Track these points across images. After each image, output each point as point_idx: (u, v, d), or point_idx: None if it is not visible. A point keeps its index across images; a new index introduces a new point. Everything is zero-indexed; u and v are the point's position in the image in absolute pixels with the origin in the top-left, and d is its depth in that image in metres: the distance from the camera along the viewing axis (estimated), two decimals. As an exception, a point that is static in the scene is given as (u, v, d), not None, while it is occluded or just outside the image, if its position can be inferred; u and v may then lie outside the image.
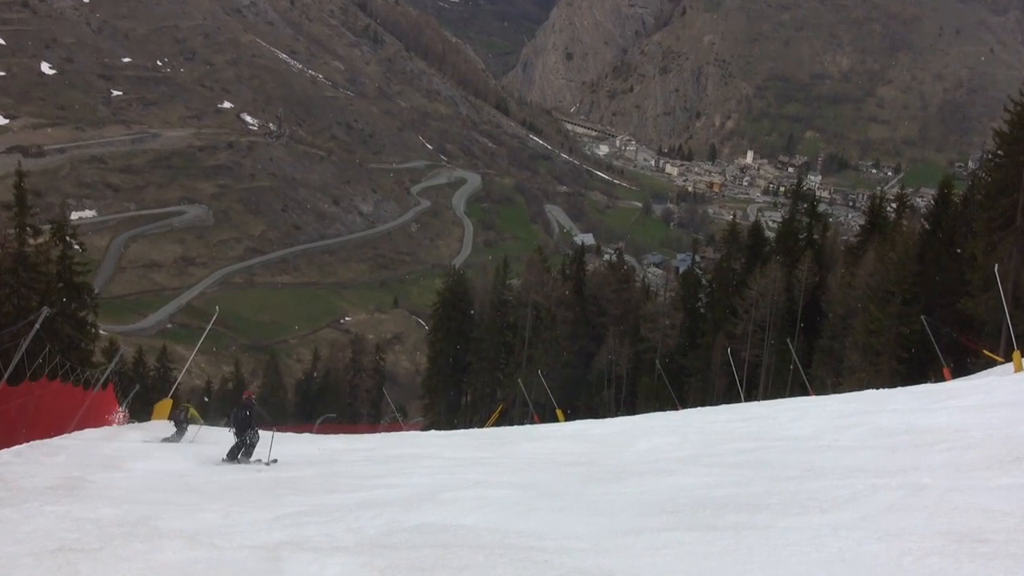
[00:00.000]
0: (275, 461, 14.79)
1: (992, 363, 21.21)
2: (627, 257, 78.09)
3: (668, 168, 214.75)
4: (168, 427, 19.56)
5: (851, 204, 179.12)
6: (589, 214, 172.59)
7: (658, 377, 43.02)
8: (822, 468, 7.54)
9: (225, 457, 17.36)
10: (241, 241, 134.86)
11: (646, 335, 47.52)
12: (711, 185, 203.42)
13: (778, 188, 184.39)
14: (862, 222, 40.38)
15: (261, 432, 16.46)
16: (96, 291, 30.18)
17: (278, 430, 26.79)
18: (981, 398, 11.90)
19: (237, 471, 12.50)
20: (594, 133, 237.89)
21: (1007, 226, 23.06)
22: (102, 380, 19.41)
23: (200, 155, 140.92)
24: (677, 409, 29.76)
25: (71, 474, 9.03)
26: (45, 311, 11.78)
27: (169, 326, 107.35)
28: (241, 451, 17.84)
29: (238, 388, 76.46)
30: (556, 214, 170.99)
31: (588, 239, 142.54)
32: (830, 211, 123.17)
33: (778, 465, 8.04)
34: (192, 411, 19.29)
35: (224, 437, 20.05)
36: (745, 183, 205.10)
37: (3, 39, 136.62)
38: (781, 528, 5.38)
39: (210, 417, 25.52)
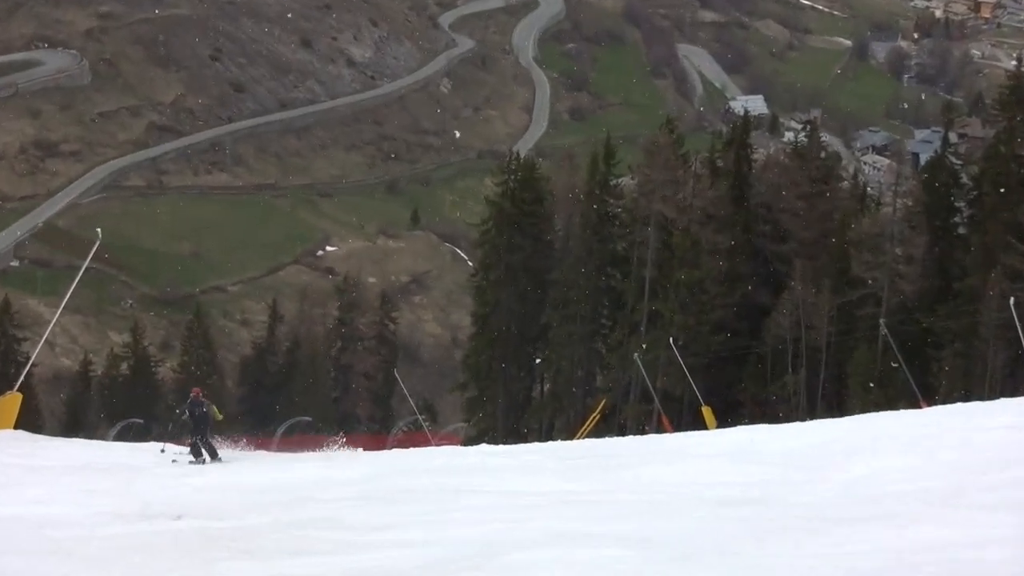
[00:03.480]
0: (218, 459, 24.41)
1: None
2: (826, 137, 76.73)
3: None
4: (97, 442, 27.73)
5: None
6: (757, 62, 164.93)
7: (884, 349, 43.98)
8: None
9: (191, 460, 28.19)
10: (140, 114, 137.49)
11: (861, 275, 47.93)
12: (975, 8, 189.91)
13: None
14: None
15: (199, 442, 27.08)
16: None
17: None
18: None
19: (141, 521, 13.39)
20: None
21: None
22: None
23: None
24: (920, 406, 30.76)
25: None
26: None
27: (15, 264, 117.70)
28: (202, 449, 28.32)
29: (140, 376, 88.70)
30: (698, 61, 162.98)
31: (757, 105, 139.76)
32: None
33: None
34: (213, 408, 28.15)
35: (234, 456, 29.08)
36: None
37: None
38: None
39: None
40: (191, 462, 29.12)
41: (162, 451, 29.77)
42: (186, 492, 18.50)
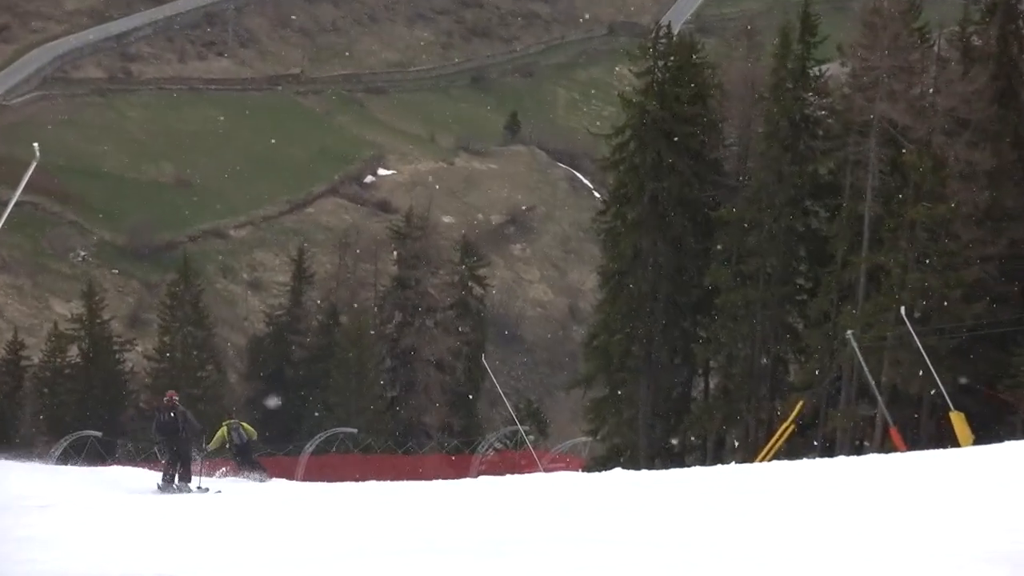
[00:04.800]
0: (218, 491, 28.16)
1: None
2: None
3: None
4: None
5: None
6: None
7: None
8: None
9: (160, 484, 31.86)
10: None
11: None
12: None
13: None
14: None
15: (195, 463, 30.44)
16: None
17: (211, 470, 37.56)
18: None
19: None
20: None
21: None
22: None
23: None
24: None
25: None
26: None
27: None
28: (176, 471, 32.49)
29: (98, 365, 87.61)
30: None
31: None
32: None
33: None
34: (245, 426, 32.74)
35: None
36: None
37: None
38: None
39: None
40: (163, 481, 33.20)
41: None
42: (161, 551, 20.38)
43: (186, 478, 33.59)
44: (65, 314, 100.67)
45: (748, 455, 57.53)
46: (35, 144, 37.25)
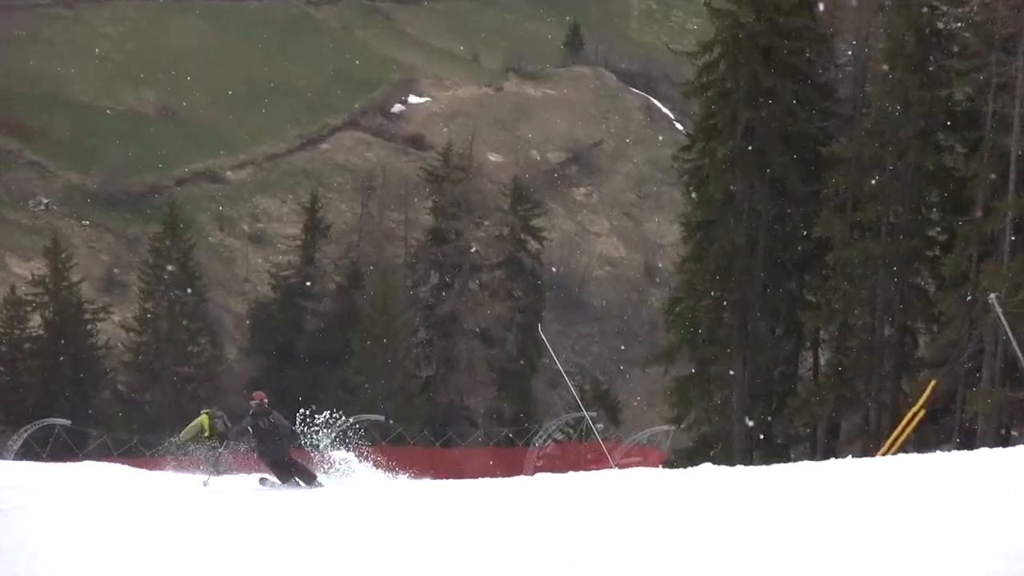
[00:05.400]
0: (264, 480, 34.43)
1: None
2: None
3: None
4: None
5: None
6: None
7: None
8: None
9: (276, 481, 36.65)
10: None
11: None
12: None
13: None
14: None
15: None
16: None
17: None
18: None
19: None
20: None
21: None
22: None
23: None
24: None
25: None
26: None
27: None
28: (295, 478, 35.51)
29: (66, 338, 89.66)
30: None
31: None
32: None
33: None
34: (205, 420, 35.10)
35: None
36: None
37: None
38: None
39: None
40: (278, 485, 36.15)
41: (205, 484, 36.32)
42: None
43: (309, 479, 36.53)
44: (24, 275, 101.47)
45: (868, 447, 57.29)
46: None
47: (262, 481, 36.94)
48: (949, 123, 60.54)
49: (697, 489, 28.08)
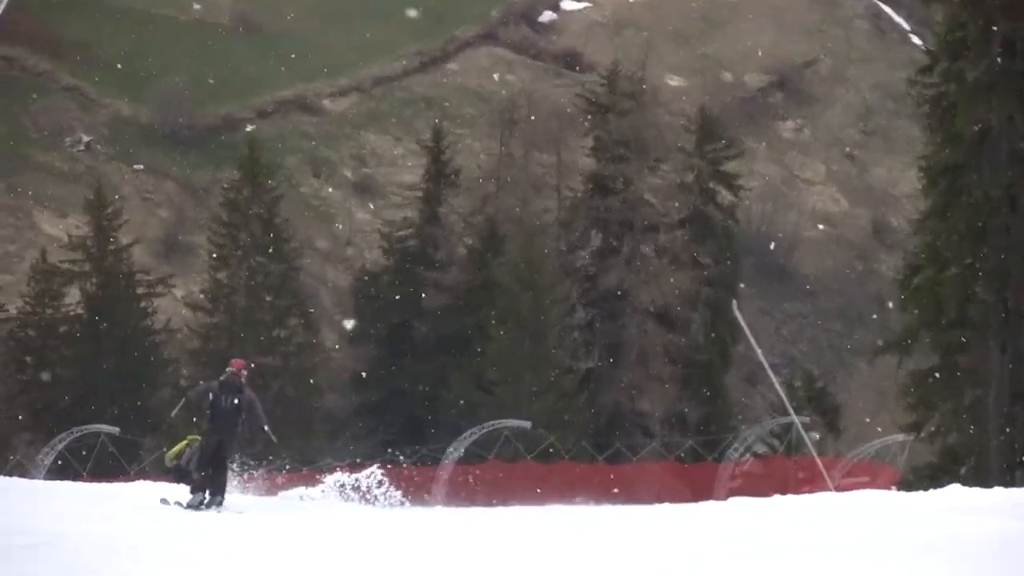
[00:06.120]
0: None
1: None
2: None
3: None
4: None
5: None
6: None
7: None
8: None
9: (188, 501, 34.86)
10: None
11: None
12: None
13: None
14: None
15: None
16: None
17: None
18: None
19: None
20: None
21: None
22: None
23: None
24: None
25: None
26: None
27: None
28: (208, 489, 35.56)
29: (115, 314, 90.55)
30: None
31: None
32: None
33: None
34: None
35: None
36: None
37: None
38: None
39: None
40: (187, 504, 36.47)
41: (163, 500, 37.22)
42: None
43: (219, 491, 36.62)
44: (59, 237, 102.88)
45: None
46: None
47: (164, 501, 37.53)
48: None
49: (943, 518, 28.08)
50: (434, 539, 30.62)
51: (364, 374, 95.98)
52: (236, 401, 36.15)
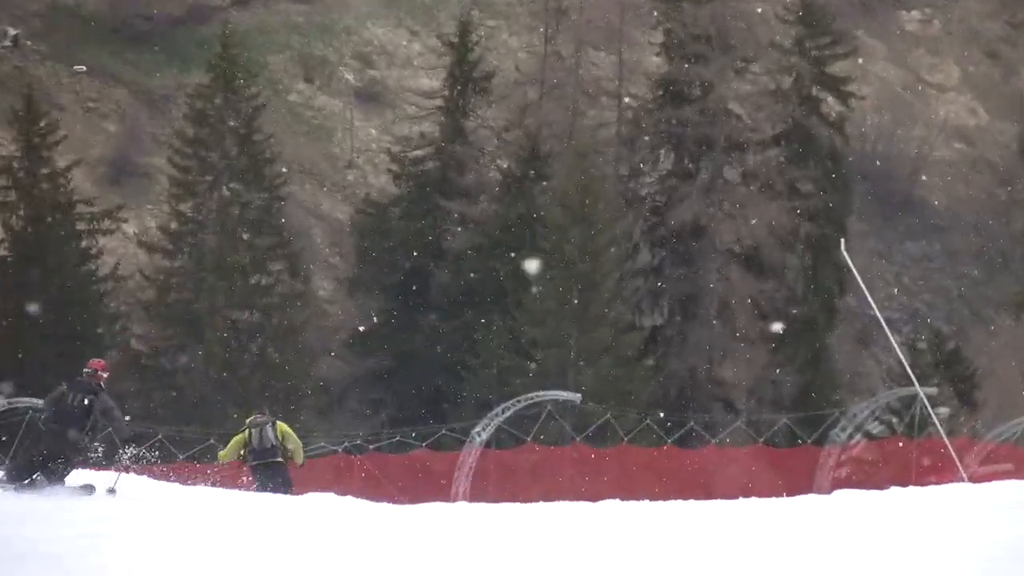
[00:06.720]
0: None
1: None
2: None
3: None
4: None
5: None
6: None
7: None
8: None
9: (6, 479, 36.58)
10: None
11: None
12: None
13: None
14: None
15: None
16: None
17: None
18: None
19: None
20: None
21: None
22: None
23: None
24: None
25: None
26: None
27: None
28: (39, 470, 34.67)
29: (43, 264, 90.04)
30: None
31: None
32: None
33: None
34: (283, 428, 40.38)
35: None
36: None
37: None
38: None
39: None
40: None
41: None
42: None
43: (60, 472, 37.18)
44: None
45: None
46: None
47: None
48: None
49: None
50: (453, 544, 29.99)
51: (365, 332, 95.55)
52: (87, 402, 36.49)
